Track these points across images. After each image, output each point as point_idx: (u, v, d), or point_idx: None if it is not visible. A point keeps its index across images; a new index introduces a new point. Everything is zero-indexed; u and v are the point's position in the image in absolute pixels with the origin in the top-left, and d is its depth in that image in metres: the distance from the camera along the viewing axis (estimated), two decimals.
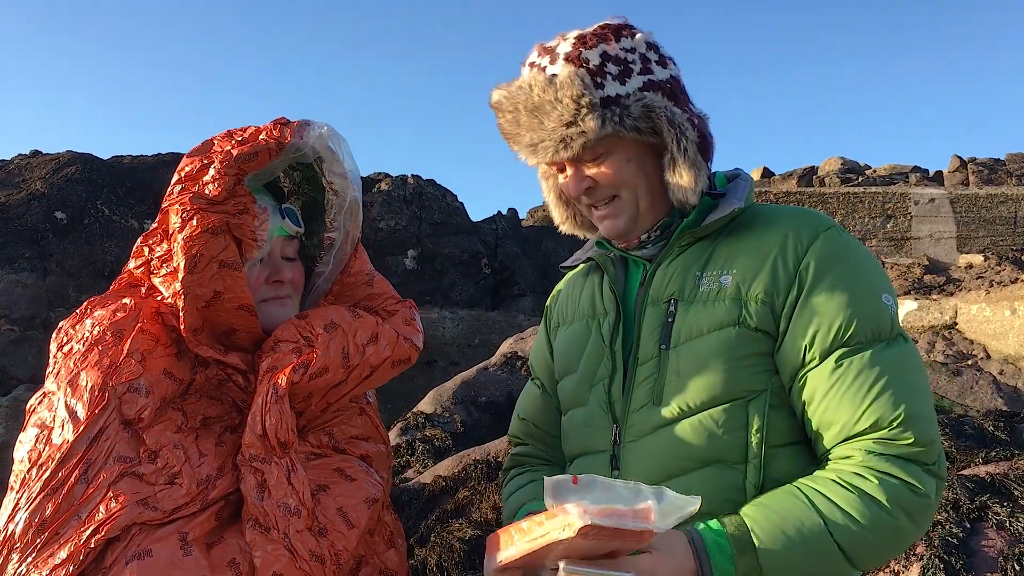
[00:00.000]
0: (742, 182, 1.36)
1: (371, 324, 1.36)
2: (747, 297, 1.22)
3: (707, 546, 1.09)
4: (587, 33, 1.29)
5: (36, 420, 1.20)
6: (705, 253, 1.29)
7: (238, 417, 1.28)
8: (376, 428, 1.44)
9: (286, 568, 1.15)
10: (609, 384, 1.31)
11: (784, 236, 1.24)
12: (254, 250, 1.31)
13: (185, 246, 1.23)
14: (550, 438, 1.53)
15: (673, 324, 1.25)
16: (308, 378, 1.26)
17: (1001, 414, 4.58)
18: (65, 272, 11.41)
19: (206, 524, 1.16)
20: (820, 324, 1.18)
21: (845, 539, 1.10)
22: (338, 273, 1.44)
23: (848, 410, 1.15)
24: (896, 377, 1.16)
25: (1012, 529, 3.13)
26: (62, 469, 1.13)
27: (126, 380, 1.20)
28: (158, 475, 1.16)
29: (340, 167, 1.39)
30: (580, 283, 1.49)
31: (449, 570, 3.86)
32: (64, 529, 1.10)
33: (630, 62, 1.27)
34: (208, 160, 1.27)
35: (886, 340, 1.19)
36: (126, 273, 1.37)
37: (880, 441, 1.14)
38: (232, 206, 1.26)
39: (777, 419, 1.21)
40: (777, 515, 1.11)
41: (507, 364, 7.21)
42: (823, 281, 1.20)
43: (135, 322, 1.25)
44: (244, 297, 1.27)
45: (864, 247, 1.29)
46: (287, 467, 1.22)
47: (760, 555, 1.08)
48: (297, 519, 1.19)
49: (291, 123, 1.32)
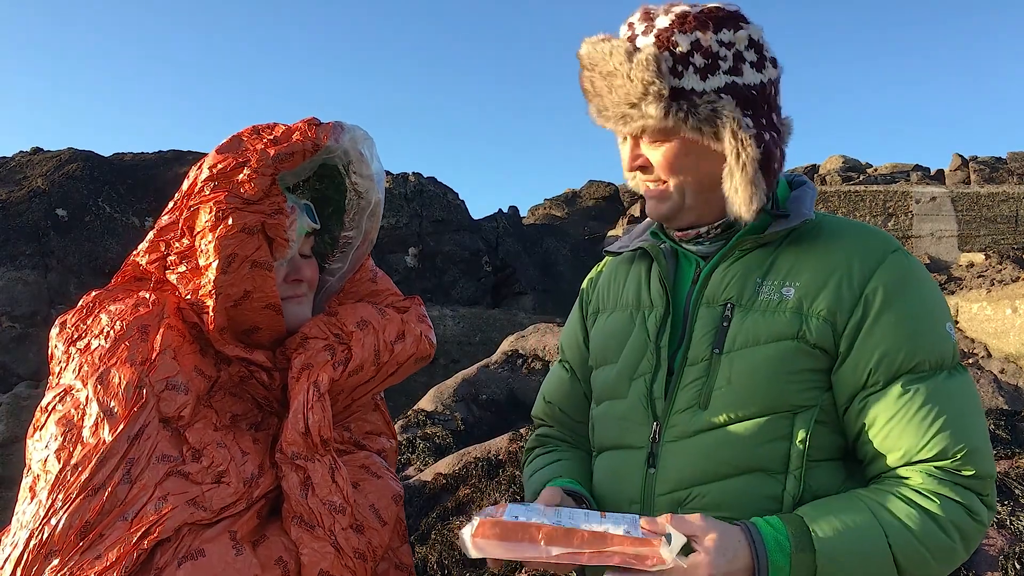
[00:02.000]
0: (809, 190, 1.33)
1: (398, 322, 1.37)
2: (809, 312, 1.20)
3: (765, 541, 1.07)
4: (691, 13, 1.23)
5: (59, 419, 1.16)
6: (767, 260, 1.26)
7: (260, 415, 1.28)
8: (387, 423, 1.45)
9: (332, 565, 1.15)
10: (651, 381, 1.29)
11: (851, 254, 1.23)
12: (285, 250, 1.29)
13: (219, 245, 1.21)
14: (575, 423, 1.51)
15: (728, 329, 1.23)
16: (347, 375, 1.27)
17: (1002, 413, 4.57)
18: (66, 269, 11.42)
19: (250, 522, 1.16)
20: (887, 349, 1.17)
21: (902, 551, 1.09)
22: (351, 272, 1.43)
23: (912, 437, 1.14)
24: (960, 409, 1.16)
25: (1013, 528, 3.13)
26: (102, 469, 1.09)
27: (164, 377, 1.18)
28: (204, 474, 1.15)
29: (367, 169, 1.38)
30: (624, 271, 1.45)
31: (450, 568, 3.86)
32: (109, 531, 1.06)
33: (721, 58, 1.21)
34: (242, 159, 1.25)
35: (948, 370, 1.19)
36: (130, 266, 1.35)
37: (942, 469, 1.14)
38: (268, 206, 1.24)
39: (822, 434, 1.20)
40: (838, 519, 1.10)
41: (508, 362, 7.21)
42: (890, 306, 1.18)
43: (160, 318, 1.23)
44: (272, 296, 1.26)
45: (927, 272, 1.27)
46: (330, 464, 1.22)
47: (818, 556, 1.07)
48: (342, 516, 1.19)
49: (324, 124, 1.31)
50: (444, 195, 14.65)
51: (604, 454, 1.37)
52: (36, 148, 13.42)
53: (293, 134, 1.28)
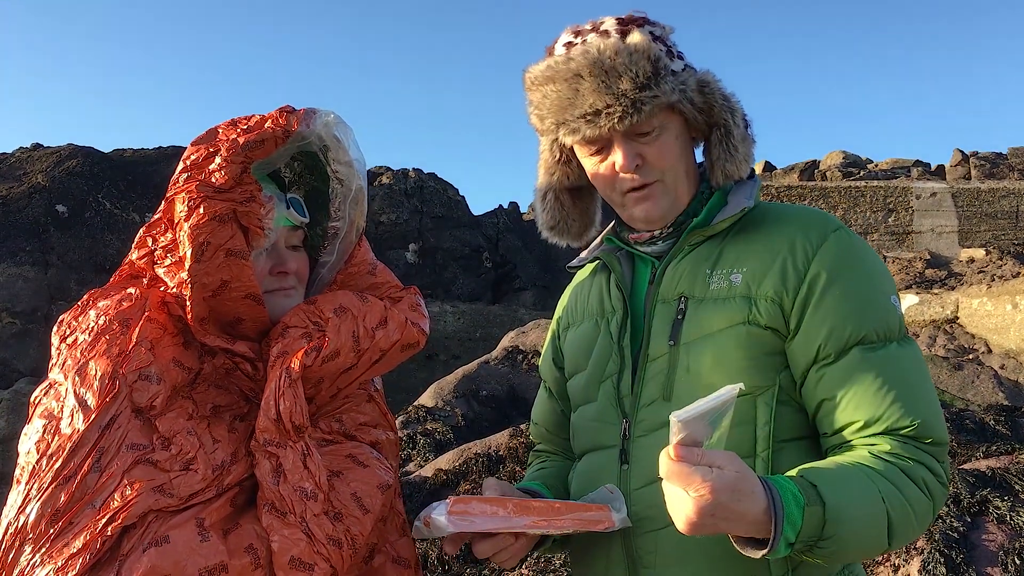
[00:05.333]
0: (750, 181, 1.37)
1: (379, 308, 1.36)
2: (756, 295, 1.23)
3: (782, 493, 1.05)
4: (625, 17, 1.30)
5: (42, 411, 1.19)
6: (715, 252, 1.30)
7: (247, 406, 1.28)
8: (384, 415, 1.44)
9: (304, 552, 1.15)
10: (618, 380, 1.32)
11: (793, 236, 1.26)
12: (261, 239, 1.30)
13: (192, 234, 1.22)
14: (560, 440, 1.55)
15: (683, 321, 1.26)
16: (320, 361, 1.27)
17: (1002, 408, 4.58)
18: (66, 265, 11.42)
19: (221, 510, 1.16)
20: (834, 323, 1.20)
21: (894, 509, 1.10)
22: (342, 263, 1.43)
23: (869, 408, 1.17)
24: (912, 379, 1.19)
25: (1013, 523, 3.14)
26: (74, 458, 1.11)
27: (136, 368, 1.19)
28: (172, 461, 1.15)
29: (345, 156, 1.38)
30: (588, 284, 1.49)
31: (451, 563, 3.87)
32: (78, 518, 1.09)
33: (670, 44, 1.30)
34: (214, 148, 1.27)
35: (896, 340, 1.22)
36: (127, 264, 1.37)
37: (904, 436, 1.16)
38: (239, 194, 1.25)
39: (784, 414, 1.22)
40: (838, 478, 1.10)
41: (508, 358, 7.22)
42: (835, 281, 1.22)
43: (141, 311, 1.25)
44: (251, 286, 1.27)
45: (871, 248, 1.31)
46: (302, 451, 1.22)
47: (827, 510, 1.06)
48: (314, 503, 1.19)
49: (297, 111, 1.32)
50: (444, 191, 14.65)
51: (583, 458, 1.39)
52: (36, 144, 13.41)
53: (265, 122, 1.30)
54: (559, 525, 1.20)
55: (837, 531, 1.06)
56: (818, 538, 1.06)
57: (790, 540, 1.04)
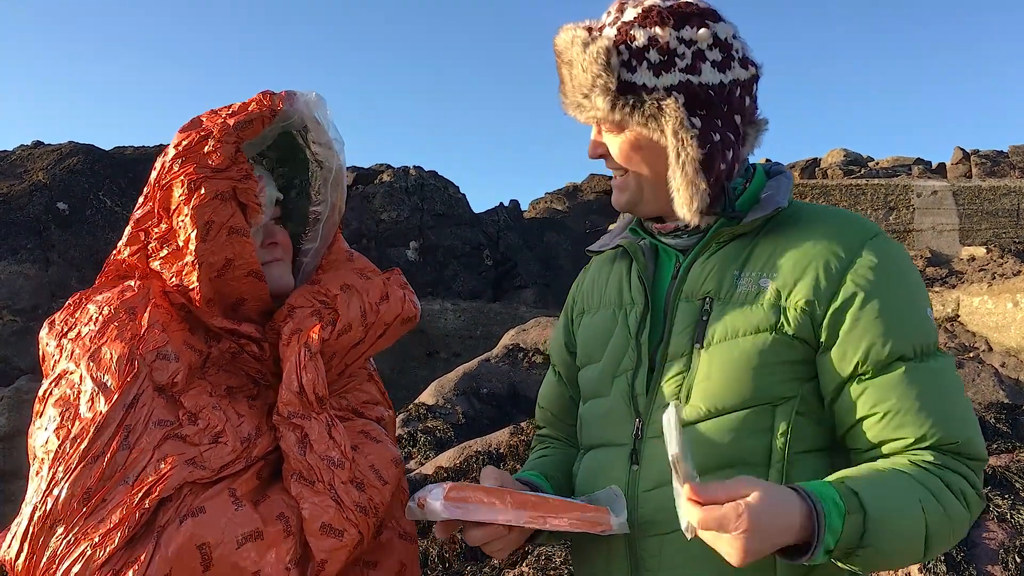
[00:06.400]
0: (784, 180, 1.32)
1: (380, 283, 1.41)
2: (787, 304, 1.20)
3: (822, 500, 1.04)
4: (658, 8, 1.23)
5: (55, 401, 1.18)
6: (744, 251, 1.26)
7: (255, 388, 1.30)
8: (382, 393, 1.48)
9: (334, 518, 1.17)
10: (633, 377, 1.29)
11: (828, 243, 1.22)
12: (258, 215, 1.32)
13: (196, 214, 1.24)
14: (566, 426, 1.52)
15: (708, 323, 1.23)
16: (336, 335, 1.31)
17: (1003, 407, 4.58)
18: (67, 263, 11.43)
19: (250, 482, 1.19)
20: (873, 338, 1.16)
21: (933, 519, 1.09)
22: (326, 248, 1.45)
23: (915, 427, 1.14)
24: (952, 394, 1.17)
25: (1013, 521, 3.14)
26: (100, 438, 1.12)
27: (154, 348, 1.20)
28: (201, 435, 1.17)
29: (324, 136, 1.40)
30: (607, 270, 1.45)
31: (451, 561, 3.88)
32: (111, 495, 1.09)
33: (678, 55, 1.21)
34: (205, 132, 1.29)
35: (933, 354, 1.19)
36: (112, 265, 1.36)
37: (944, 451, 1.15)
38: (236, 172, 1.28)
39: (803, 425, 1.20)
40: (880, 486, 1.09)
41: (509, 356, 7.22)
42: (873, 294, 1.18)
43: (146, 300, 1.26)
44: (253, 263, 1.29)
45: (908, 256, 1.26)
46: (327, 422, 1.25)
47: (868, 519, 1.05)
48: (341, 471, 1.22)
49: (278, 93, 1.35)
50: (445, 189, 14.65)
51: (589, 452, 1.37)
52: (37, 142, 13.41)
53: (250, 105, 1.32)
54: (555, 524, 1.19)
55: (876, 540, 1.05)
56: (857, 546, 1.04)
57: (829, 547, 1.03)
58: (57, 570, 1.06)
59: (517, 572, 3.63)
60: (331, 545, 1.16)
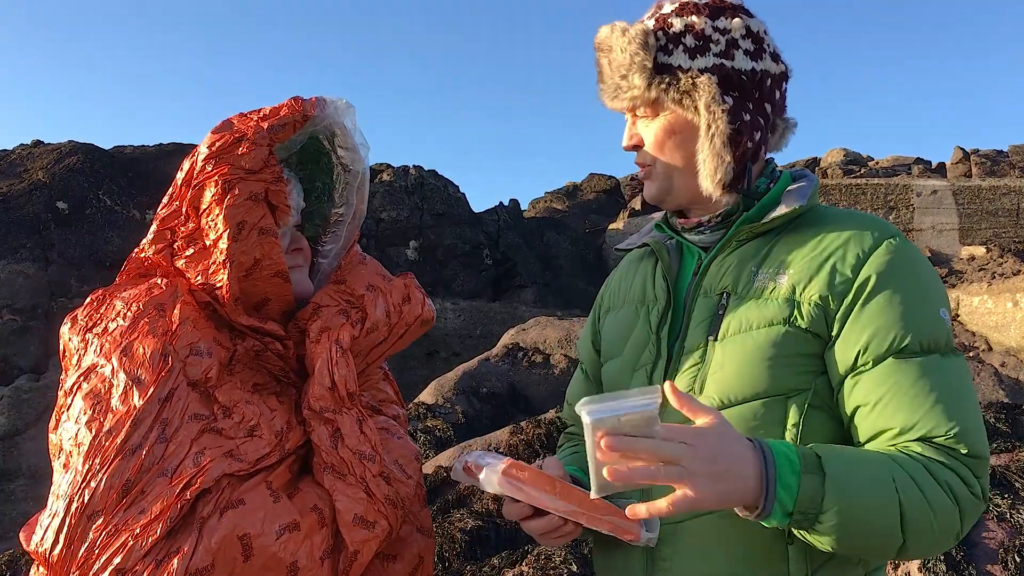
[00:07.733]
0: (808, 183, 1.35)
1: (401, 285, 1.45)
2: (800, 298, 1.21)
3: (775, 455, 1.05)
4: (692, 2, 1.31)
5: (86, 394, 1.19)
6: (763, 249, 1.29)
7: (279, 387, 1.32)
8: (397, 393, 1.52)
9: (367, 511, 1.21)
10: (652, 370, 1.32)
11: (846, 240, 1.24)
12: (287, 216, 1.35)
13: (229, 214, 1.26)
14: None
15: (723, 316, 1.25)
16: (365, 333, 1.36)
17: (1003, 406, 4.58)
18: (67, 262, 11.42)
19: (283, 475, 1.22)
20: (876, 330, 1.17)
21: (910, 501, 1.07)
22: (345, 251, 1.48)
23: (904, 415, 1.14)
24: (952, 389, 1.15)
25: (1013, 521, 3.14)
26: (137, 431, 1.13)
27: (187, 344, 1.22)
28: (236, 429, 1.20)
29: (351, 140, 1.43)
30: (634, 268, 1.50)
31: (451, 560, 3.88)
32: (151, 487, 1.11)
33: (712, 41, 1.28)
34: (239, 134, 1.31)
35: (941, 352, 1.18)
36: (133, 263, 1.38)
37: (937, 444, 1.13)
38: (268, 174, 1.30)
39: (815, 419, 1.20)
40: (849, 456, 1.10)
41: (508, 355, 7.22)
42: (883, 287, 1.19)
43: (175, 297, 1.28)
44: (280, 264, 1.31)
45: (926, 259, 1.27)
46: (357, 417, 1.29)
47: (828, 480, 1.05)
48: (372, 464, 1.26)
49: (308, 99, 1.38)
50: (445, 188, 14.64)
51: None
52: (37, 141, 13.41)
53: (281, 109, 1.35)
54: (595, 523, 1.21)
55: (839, 506, 1.04)
56: (818, 511, 1.04)
57: (788, 509, 1.04)
58: (97, 560, 1.07)
59: (517, 572, 3.63)
60: (364, 536, 1.20)
